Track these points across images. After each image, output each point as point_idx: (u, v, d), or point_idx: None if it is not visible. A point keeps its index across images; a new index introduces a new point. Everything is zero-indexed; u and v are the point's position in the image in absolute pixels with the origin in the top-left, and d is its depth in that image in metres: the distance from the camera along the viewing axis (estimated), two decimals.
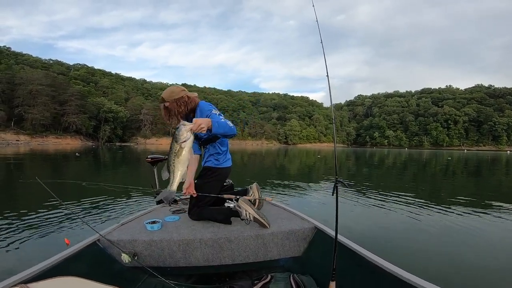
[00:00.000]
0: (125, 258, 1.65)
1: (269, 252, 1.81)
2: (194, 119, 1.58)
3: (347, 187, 1.33)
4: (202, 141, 2.23)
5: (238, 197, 2.13)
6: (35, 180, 1.98)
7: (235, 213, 2.00)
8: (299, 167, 13.53)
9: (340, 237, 1.46)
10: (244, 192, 2.35)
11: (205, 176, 2.17)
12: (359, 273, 1.37)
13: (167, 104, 2.07)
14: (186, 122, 1.52)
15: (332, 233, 1.61)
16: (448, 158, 27.66)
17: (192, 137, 1.52)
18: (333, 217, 1.38)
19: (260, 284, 1.54)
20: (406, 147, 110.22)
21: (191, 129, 1.52)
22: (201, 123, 1.58)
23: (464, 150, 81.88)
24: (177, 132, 1.50)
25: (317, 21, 1.81)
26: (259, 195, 2.25)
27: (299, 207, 2.76)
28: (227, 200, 2.16)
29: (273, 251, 1.81)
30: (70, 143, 61.13)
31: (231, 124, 1.83)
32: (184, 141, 1.50)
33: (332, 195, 1.38)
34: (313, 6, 1.86)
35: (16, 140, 54.37)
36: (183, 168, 1.56)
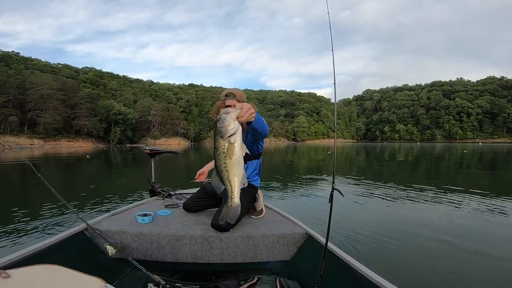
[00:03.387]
0: (110, 249, 1.60)
1: (258, 254, 1.79)
2: (238, 104, 1.32)
3: (343, 196, 1.33)
4: (246, 157, 2.00)
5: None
6: (38, 179, 1.86)
7: (254, 199, 2.15)
8: (302, 168, 12.83)
9: (330, 245, 1.46)
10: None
11: (249, 194, 2.10)
12: (345, 282, 1.36)
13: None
14: (229, 109, 1.17)
15: (322, 240, 1.61)
16: (464, 151, 26.74)
17: (240, 128, 1.19)
18: (325, 222, 1.37)
19: (246, 285, 1.53)
20: (418, 141, 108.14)
21: (237, 117, 1.18)
22: (251, 107, 1.25)
23: (479, 143, 79.75)
24: (220, 124, 1.15)
25: (330, 28, 1.72)
26: (263, 202, 2.27)
27: (292, 211, 2.63)
28: None
29: (262, 253, 1.79)
30: (82, 146, 61.66)
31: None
32: (233, 134, 1.15)
33: (329, 202, 1.36)
34: (328, 13, 1.76)
35: (30, 144, 55.10)
36: (239, 170, 1.21)
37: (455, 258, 2.60)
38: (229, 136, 1.14)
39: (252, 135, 1.75)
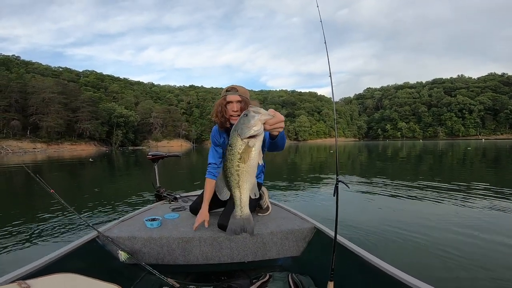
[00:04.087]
0: (123, 255, 1.63)
1: (268, 251, 1.79)
2: (270, 109, 1.04)
3: (348, 188, 1.34)
4: None
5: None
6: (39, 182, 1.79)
7: (259, 197, 2.11)
8: (306, 166, 12.74)
9: (340, 238, 1.46)
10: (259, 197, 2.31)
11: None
12: (357, 274, 1.36)
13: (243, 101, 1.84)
14: (260, 109, 1.00)
15: (331, 233, 1.62)
16: (468, 148, 26.53)
17: (263, 134, 1.00)
18: (333, 217, 1.37)
19: (258, 283, 1.53)
20: (420, 139, 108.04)
21: (266, 122, 1.00)
22: (283, 120, 1.07)
23: (481, 139, 79.49)
24: (245, 120, 0.98)
25: (321, 21, 1.73)
26: (268, 198, 2.28)
27: (299, 207, 2.68)
28: None
29: (272, 250, 1.79)
30: (85, 149, 61.92)
31: None
32: (255, 136, 0.98)
33: (334, 195, 1.34)
34: (318, 7, 1.77)
35: (33, 148, 55.40)
36: (252, 178, 1.05)
37: (469, 250, 2.56)
38: (249, 137, 0.97)
39: (266, 144, 1.67)
